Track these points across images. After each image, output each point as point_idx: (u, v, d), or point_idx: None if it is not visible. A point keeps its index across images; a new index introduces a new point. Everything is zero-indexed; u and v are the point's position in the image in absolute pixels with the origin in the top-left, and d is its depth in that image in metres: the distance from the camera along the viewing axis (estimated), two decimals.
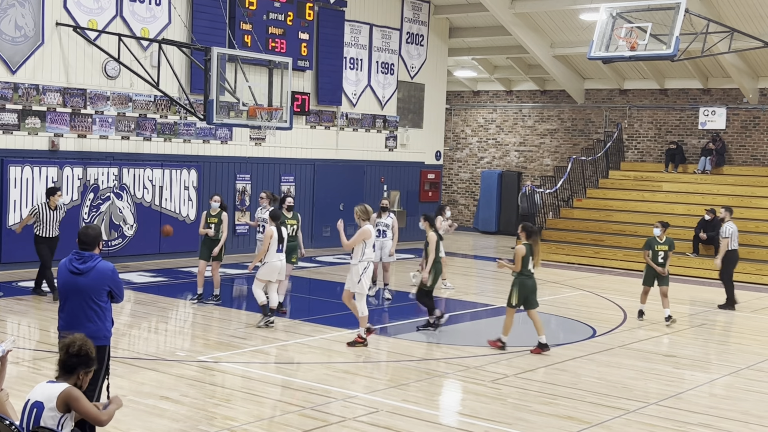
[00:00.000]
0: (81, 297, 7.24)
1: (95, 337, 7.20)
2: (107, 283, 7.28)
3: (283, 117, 17.72)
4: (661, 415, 9.26)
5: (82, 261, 7.25)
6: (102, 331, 7.29)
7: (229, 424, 8.37)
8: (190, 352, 11.30)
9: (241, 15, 20.27)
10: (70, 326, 7.29)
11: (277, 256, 12.94)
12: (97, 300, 7.25)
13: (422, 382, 10.32)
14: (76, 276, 7.22)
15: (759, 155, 25.42)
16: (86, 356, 5.97)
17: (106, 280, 7.27)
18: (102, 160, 18.41)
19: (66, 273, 7.28)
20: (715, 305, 16.88)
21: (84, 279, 7.21)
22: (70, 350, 5.95)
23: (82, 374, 5.98)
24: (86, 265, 7.22)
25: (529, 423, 8.80)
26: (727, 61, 23.21)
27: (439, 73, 27.08)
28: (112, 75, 18.56)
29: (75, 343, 5.98)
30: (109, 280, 7.29)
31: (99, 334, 7.22)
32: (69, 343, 5.98)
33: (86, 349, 5.97)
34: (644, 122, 27.41)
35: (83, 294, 7.23)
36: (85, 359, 5.97)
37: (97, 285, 7.24)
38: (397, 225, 16.38)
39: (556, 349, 12.39)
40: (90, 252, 7.29)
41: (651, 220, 23.07)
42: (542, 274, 17.32)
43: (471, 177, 31.23)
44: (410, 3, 25.46)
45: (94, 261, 7.26)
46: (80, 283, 7.22)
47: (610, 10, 17.89)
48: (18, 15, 16.96)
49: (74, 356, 5.94)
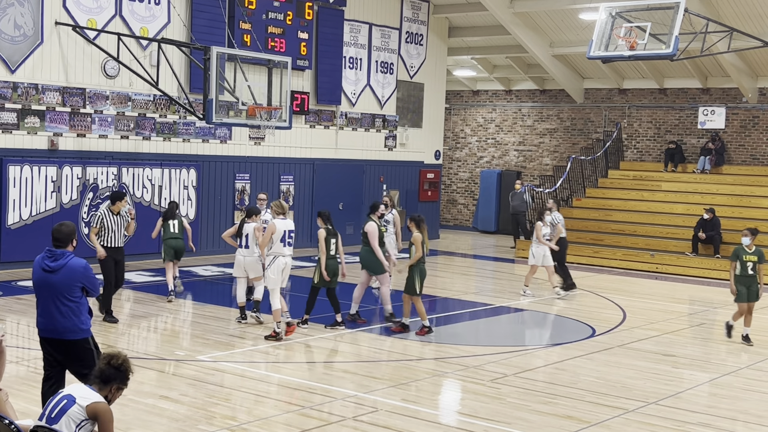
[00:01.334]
0: (54, 294, 7.30)
1: (72, 331, 7.31)
2: (79, 279, 7.33)
3: (282, 116, 17.72)
4: (660, 414, 9.27)
5: (53, 259, 7.29)
6: (77, 325, 7.38)
7: (229, 424, 8.37)
8: (189, 352, 11.29)
9: (240, 14, 20.26)
10: (46, 322, 7.39)
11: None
12: (70, 297, 7.31)
13: (422, 382, 10.32)
14: (48, 273, 7.29)
15: (758, 155, 25.42)
16: (124, 373, 6.10)
17: (78, 276, 7.32)
18: (101, 160, 18.40)
19: (39, 271, 7.38)
20: (714, 305, 16.89)
21: (55, 276, 7.27)
22: (112, 362, 6.08)
23: (115, 389, 6.09)
24: (57, 263, 7.27)
25: (529, 422, 8.81)
26: (726, 60, 23.21)
27: (439, 73, 27.08)
28: (112, 74, 18.55)
29: (119, 357, 6.11)
30: (81, 277, 7.34)
31: (75, 327, 7.35)
32: (113, 355, 6.12)
33: (126, 367, 6.10)
34: (643, 122, 27.42)
35: (56, 291, 7.29)
36: (123, 376, 6.09)
37: (69, 282, 7.29)
38: (399, 222, 16.33)
39: (555, 348, 12.40)
40: (63, 249, 7.32)
41: (650, 220, 23.19)
42: (542, 273, 17.33)
43: (470, 176, 31.24)
44: (410, 2, 25.45)
45: (66, 258, 7.30)
46: (52, 280, 7.27)
47: (610, 10, 17.88)
48: (17, 14, 16.96)
49: (114, 369, 6.06)
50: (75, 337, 7.39)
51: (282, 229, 12.13)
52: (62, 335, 7.39)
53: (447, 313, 15.24)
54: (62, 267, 7.26)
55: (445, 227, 30.11)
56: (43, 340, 7.53)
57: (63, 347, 7.44)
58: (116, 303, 13.39)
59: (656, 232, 22.61)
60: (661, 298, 17.40)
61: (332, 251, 12.78)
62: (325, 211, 13.10)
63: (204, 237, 20.36)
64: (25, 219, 17.22)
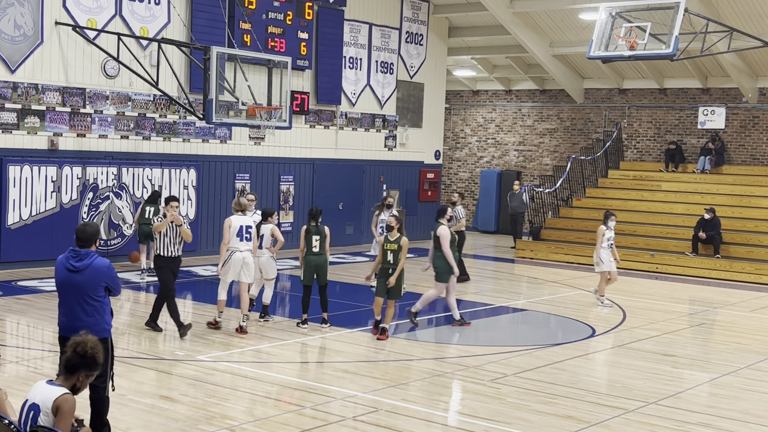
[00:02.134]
0: (78, 294, 7.31)
1: (95, 330, 7.29)
2: (104, 279, 7.36)
3: (282, 116, 17.72)
4: (660, 414, 9.26)
5: (78, 258, 7.31)
6: (101, 324, 7.37)
7: (228, 424, 8.37)
8: (189, 352, 11.29)
9: (240, 14, 20.27)
10: (69, 322, 7.37)
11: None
12: (94, 296, 7.33)
13: (421, 382, 10.32)
14: (73, 273, 7.30)
15: (758, 155, 25.42)
16: (91, 359, 5.93)
17: (103, 276, 7.34)
18: (101, 160, 18.40)
19: (63, 270, 7.36)
20: (714, 305, 16.89)
21: (80, 276, 7.28)
22: (77, 349, 5.92)
23: (83, 376, 5.95)
24: (83, 262, 7.29)
25: (529, 422, 8.80)
26: (726, 60, 23.21)
27: (439, 73, 27.08)
28: (112, 74, 18.55)
29: (85, 343, 5.94)
30: (106, 277, 7.36)
31: (98, 327, 7.31)
32: (78, 342, 5.96)
33: (93, 353, 5.94)
34: (643, 122, 27.42)
35: (80, 291, 7.30)
36: (90, 362, 5.93)
37: (94, 282, 7.31)
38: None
39: (555, 348, 12.40)
40: (87, 249, 7.34)
41: (650, 220, 23.19)
42: (542, 273, 17.32)
43: (470, 176, 31.23)
44: (409, 2, 25.45)
45: (90, 258, 7.32)
46: (77, 280, 7.29)
47: (610, 10, 17.89)
48: (17, 14, 16.95)
49: (80, 356, 5.91)
50: (96, 336, 7.39)
51: (237, 225, 12.53)
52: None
53: (447, 313, 15.24)
54: (87, 267, 7.29)
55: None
56: (63, 339, 7.54)
57: None
58: (115, 303, 13.39)
59: (656, 232, 22.61)
60: (661, 298, 17.40)
61: (315, 248, 12.90)
62: (313, 208, 13.36)
63: (204, 237, 20.36)
64: (25, 219, 17.22)
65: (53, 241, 17.47)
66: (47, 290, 14.61)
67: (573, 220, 24.29)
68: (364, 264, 20.23)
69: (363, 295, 16.11)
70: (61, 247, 16.81)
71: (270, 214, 13.48)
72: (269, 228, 13.25)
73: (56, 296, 7.55)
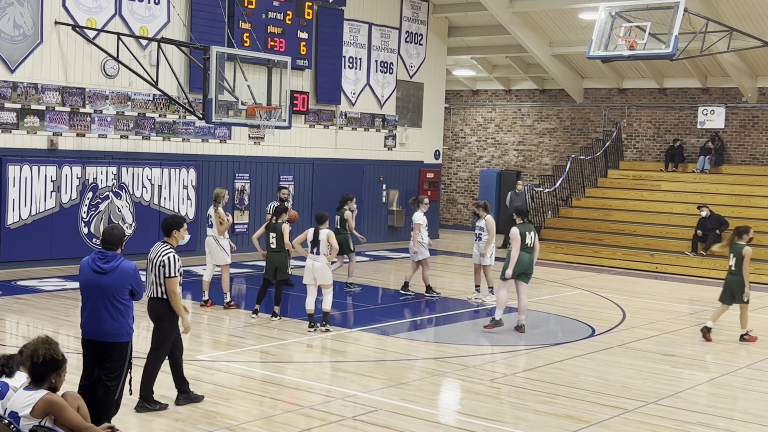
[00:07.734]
0: (104, 296, 7.38)
1: (118, 334, 7.38)
2: (129, 282, 7.44)
3: (282, 116, 17.72)
4: (660, 414, 9.27)
5: (105, 260, 7.37)
6: (124, 328, 7.46)
7: (228, 423, 8.37)
8: (189, 351, 11.27)
9: (240, 14, 20.26)
10: (93, 325, 7.42)
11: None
12: (119, 298, 7.41)
13: (421, 381, 10.32)
14: (100, 275, 7.37)
15: (758, 154, 25.43)
16: (52, 361, 5.91)
17: (129, 279, 7.44)
18: (101, 159, 18.40)
19: (89, 272, 7.41)
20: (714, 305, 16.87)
21: (107, 278, 7.35)
22: (34, 360, 5.89)
23: (54, 377, 5.95)
24: (110, 264, 7.36)
25: (528, 422, 8.81)
26: (726, 60, 23.21)
27: (438, 72, 27.07)
28: (111, 74, 18.55)
29: (37, 352, 5.90)
30: (132, 279, 7.45)
31: (121, 331, 7.42)
32: (32, 353, 5.91)
33: (50, 355, 5.91)
34: (643, 121, 27.42)
35: (106, 293, 7.37)
36: (52, 364, 5.91)
37: (120, 284, 7.39)
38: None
39: (555, 348, 12.40)
40: (113, 252, 7.41)
41: (650, 220, 23.19)
42: (541, 273, 17.33)
43: (470, 176, 31.23)
44: (409, 2, 25.45)
45: (117, 261, 7.41)
46: (103, 282, 7.35)
47: (609, 9, 17.88)
48: (17, 14, 16.95)
49: (40, 365, 5.90)
50: (119, 340, 7.47)
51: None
52: (107, 338, 7.43)
53: (447, 312, 15.25)
54: (115, 269, 7.36)
55: (445, 227, 30.11)
56: (86, 342, 7.57)
57: (103, 348, 7.48)
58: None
59: (656, 231, 22.61)
60: (660, 298, 17.40)
61: (272, 245, 13.33)
62: (279, 204, 13.84)
63: (204, 237, 20.29)
64: (25, 219, 17.21)
65: (53, 240, 17.47)
66: (47, 290, 14.60)
67: (573, 220, 24.29)
68: (363, 264, 20.21)
69: (363, 295, 16.12)
70: (61, 247, 16.92)
71: (325, 219, 12.93)
72: (325, 233, 12.69)
73: (56, 296, 7.59)
